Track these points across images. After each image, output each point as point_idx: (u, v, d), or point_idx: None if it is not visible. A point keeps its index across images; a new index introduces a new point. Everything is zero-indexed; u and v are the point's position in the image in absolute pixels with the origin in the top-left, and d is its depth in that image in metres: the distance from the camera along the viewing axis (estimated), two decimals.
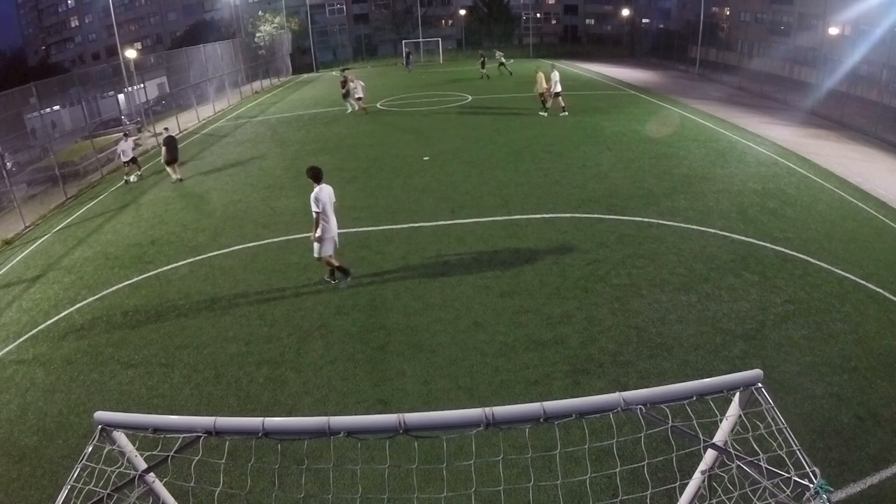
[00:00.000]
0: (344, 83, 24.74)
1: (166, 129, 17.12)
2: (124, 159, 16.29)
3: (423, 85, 31.88)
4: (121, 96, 27.27)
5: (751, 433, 2.70)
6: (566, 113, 20.61)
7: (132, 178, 16.54)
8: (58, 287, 9.95)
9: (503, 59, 36.48)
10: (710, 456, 2.80)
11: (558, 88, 20.80)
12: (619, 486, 4.66)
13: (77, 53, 67.42)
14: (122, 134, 17.63)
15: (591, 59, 43.68)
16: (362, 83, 23.91)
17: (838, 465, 5.14)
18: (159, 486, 2.96)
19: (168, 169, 15.87)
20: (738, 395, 2.62)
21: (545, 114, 20.97)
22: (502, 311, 8.04)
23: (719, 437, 2.71)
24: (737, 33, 38.83)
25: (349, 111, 24.10)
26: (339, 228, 8.68)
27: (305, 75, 44.62)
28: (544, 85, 20.99)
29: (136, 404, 6.58)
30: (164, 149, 15.77)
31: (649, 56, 42.56)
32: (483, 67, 33.78)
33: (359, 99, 23.56)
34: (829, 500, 2.31)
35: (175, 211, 13.30)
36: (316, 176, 8.33)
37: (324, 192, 8.30)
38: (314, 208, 8.23)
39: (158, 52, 42.23)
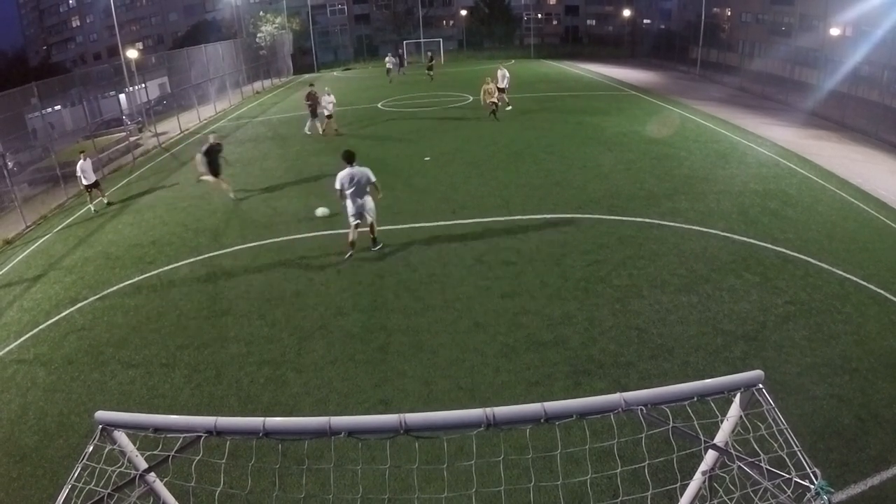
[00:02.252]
0: (311, 98, 20.03)
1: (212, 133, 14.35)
2: (85, 183, 14.05)
3: (423, 85, 31.87)
4: (122, 96, 27.27)
5: (751, 434, 2.70)
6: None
7: (93, 208, 14.17)
8: (59, 287, 9.96)
9: (390, 65, 35.69)
10: (710, 457, 2.80)
11: (504, 84, 21.36)
12: (620, 486, 4.65)
13: (78, 53, 67.53)
14: (80, 151, 14.80)
15: (593, 59, 43.65)
16: (334, 99, 20.08)
17: (839, 466, 5.13)
18: (160, 486, 2.96)
19: (212, 181, 13.69)
20: (738, 395, 2.62)
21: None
22: (503, 311, 8.04)
23: (720, 437, 2.71)
24: (738, 34, 38.82)
25: (308, 132, 20.21)
26: (343, 229, 8.51)
27: (307, 75, 44.64)
28: (487, 93, 20.47)
29: (136, 404, 6.58)
30: (202, 159, 13.30)
31: (650, 57, 42.53)
32: (430, 70, 33.91)
33: (329, 117, 19.84)
34: (829, 502, 2.31)
35: (176, 211, 13.31)
36: (347, 158, 9.47)
37: (344, 174, 9.39)
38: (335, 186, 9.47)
39: (160, 53, 42.26)
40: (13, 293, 10.00)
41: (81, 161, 14.06)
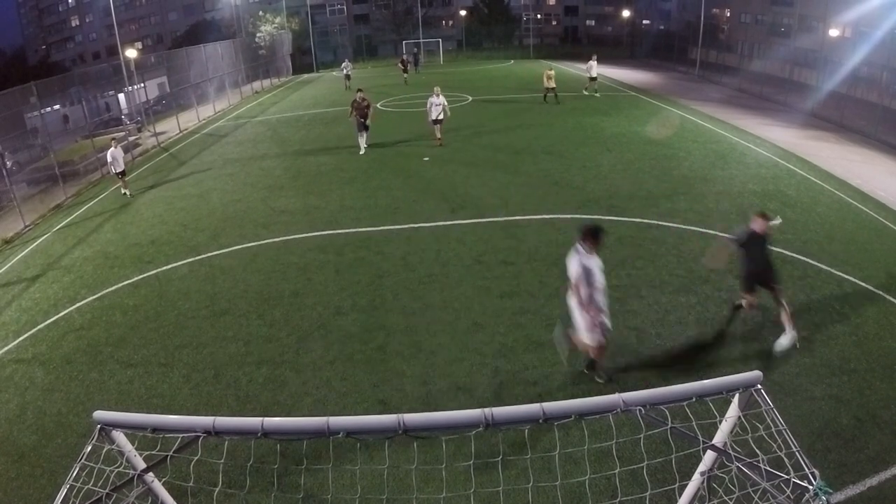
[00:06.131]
0: (356, 107, 16.26)
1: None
2: (116, 170, 14.61)
3: (422, 86, 31.85)
4: (121, 96, 27.21)
5: (750, 434, 2.70)
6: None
7: (128, 193, 14.86)
8: (57, 286, 9.94)
9: (348, 71, 33.48)
10: (709, 457, 2.80)
11: (594, 74, 25.47)
12: (619, 487, 4.65)
13: (77, 53, 67.50)
14: (111, 138, 15.74)
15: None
16: (442, 101, 16.88)
17: (837, 467, 5.14)
18: (158, 486, 2.96)
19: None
20: (737, 396, 2.63)
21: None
22: (502, 311, 8.03)
23: (719, 438, 2.72)
24: (737, 35, 38.87)
25: (362, 152, 16.68)
26: (341, 229, 8.31)
27: (306, 75, 44.65)
28: (548, 78, 23.42)
29: (135, 404, 6.57)
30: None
31: (649, 57, 42.56)
32: (406, 72, 33.33)
33: (437, 122, 17.00)
34: (828, 502, 2.31)
35: (175, 211, 13.29)
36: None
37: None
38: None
39: (159, 52, 42.17)
40: (12, 293, 9.98)
41: (112, 149, 14.60)
